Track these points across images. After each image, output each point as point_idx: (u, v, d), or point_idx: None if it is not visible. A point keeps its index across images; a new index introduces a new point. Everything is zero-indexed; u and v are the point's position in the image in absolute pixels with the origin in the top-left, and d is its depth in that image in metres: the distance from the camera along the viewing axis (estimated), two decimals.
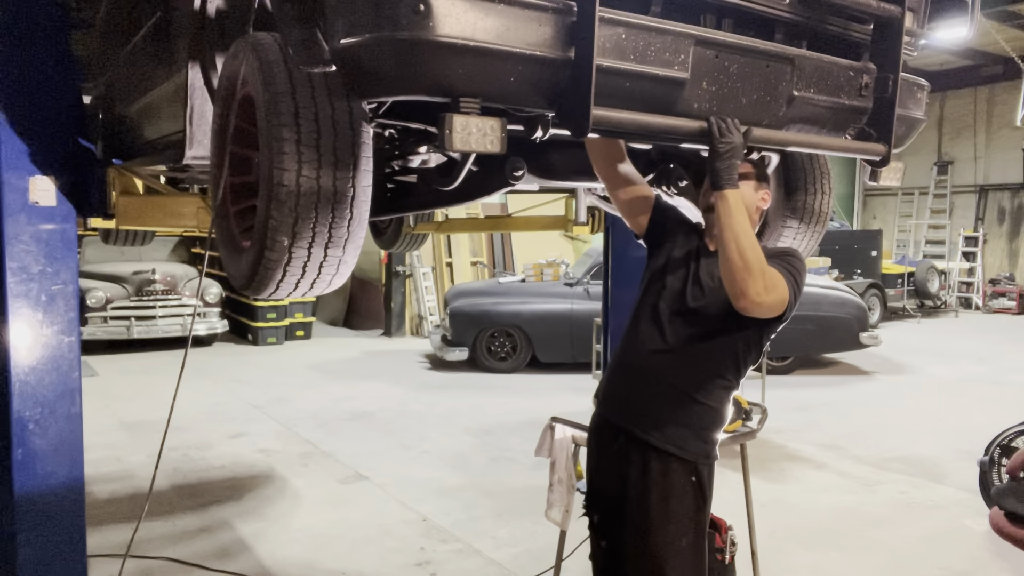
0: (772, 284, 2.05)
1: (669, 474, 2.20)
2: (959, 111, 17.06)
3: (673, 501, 2.19)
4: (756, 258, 2.02)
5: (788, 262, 2.19)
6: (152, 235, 6.00)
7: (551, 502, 3.30)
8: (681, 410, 2.22)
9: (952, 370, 9.51)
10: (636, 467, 2.23)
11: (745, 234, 2.03)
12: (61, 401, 3.06)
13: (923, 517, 4.77)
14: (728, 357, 2.23)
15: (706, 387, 2.23)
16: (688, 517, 2.20)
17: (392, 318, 12.20)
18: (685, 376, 2.23)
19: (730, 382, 2.27)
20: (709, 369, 2.23)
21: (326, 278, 2.10)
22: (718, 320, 2.20)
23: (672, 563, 2.17)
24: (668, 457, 2.20)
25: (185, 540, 4.37)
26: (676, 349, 2.25)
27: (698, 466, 2.22)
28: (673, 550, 2.18)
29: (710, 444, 2.25)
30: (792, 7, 2.15)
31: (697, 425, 2.22)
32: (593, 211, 4.56)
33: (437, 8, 1.58)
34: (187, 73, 2.46)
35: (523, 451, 5.92)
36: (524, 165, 2.27)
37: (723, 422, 2.29)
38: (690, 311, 2.26)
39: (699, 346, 2.23)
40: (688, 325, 2.25)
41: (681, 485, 2.20)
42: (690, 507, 2.20)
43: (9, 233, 2.92)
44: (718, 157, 2.01)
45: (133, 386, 8.33)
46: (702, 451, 2.23)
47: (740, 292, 2.02)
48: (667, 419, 2.22)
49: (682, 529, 2.19)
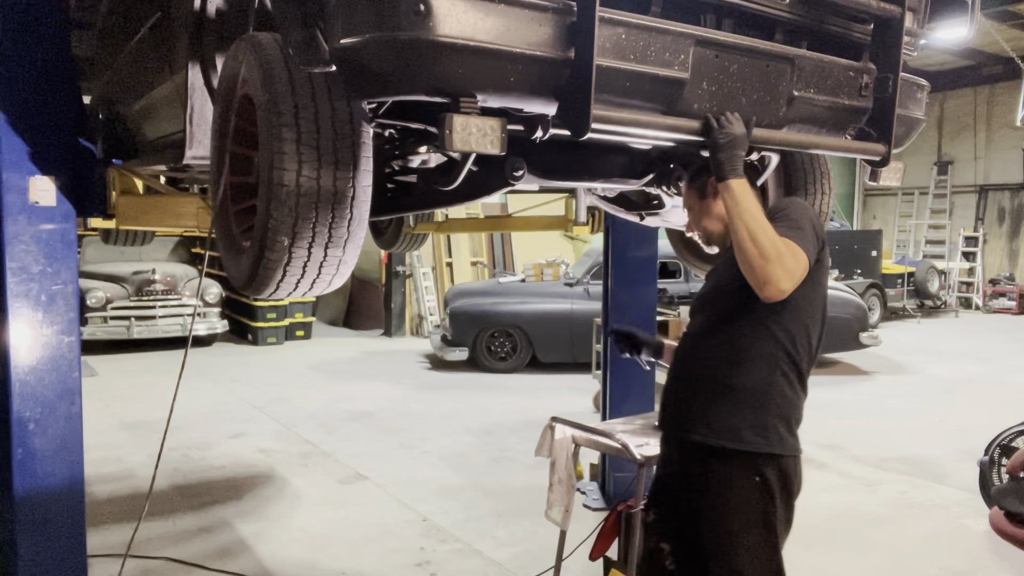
0: (791, 260, 1.99)
1: (727, 469, 2.11)
2: (959, 111, 17.06)
3: (734, 496, 2.10)
4: (771, 243, 1.97)
5: (790, 217, 2.10)
6: (152, 235, 6.01)
7: (551, 502, 3.29)
8: (723, 400, 2.12)
9: (952, 370, 9.51)
10: (694, 468, 2.16)
11: (756, 221, 1.99)
12: (61, 401, 3.05)
13: (923, 517, 4.77)
14: (757, 329, 2.12)
15: (742, 368, 2.12)
16: (753, 511, 2.09)
17: (392, 318, 12.20)
18: (716, 363, 2.15)
19: (773, 356, 2.12)
20: (740, 348, 2.13)
21: (326, 278, 2.10)
22: (732, 297, 2.14)
23: (740, 560, 2.09)
24: (723, 452, 2.11)
25: (185, 540, 4.36)
26: (700, 341, 2.22)
27: (759, 456, 2.10)
28: (741, 547, 2.09)
29: (770, 430, 2.10)
30: (792, 7, 2.15)
31: (744, 412, 2.11)
32: (593, 211, 4.55)
33: (437, 8, 1.58)
34: (187, 73, 2.46)
35: (523, 451, 5.91)
36: (524, 165, 2.27)
37: (780, 404, 2.12)
38: (707, 303, 2.27)
39: (722, 328, 2.17)
40: (707, 315, 2.24)
41: (740, 479, 2.10)
42: (754, 501, 2.09)
43: (9, 233, 2.92)
44: (720, 149, 2.00)
45: (133, 386, 8.33)
46: (760, 439, 2.10)
47: (763, 281, 1.97)
48: (712, 413, 2.13)
49: (747, 524, 2.09)
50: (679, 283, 9.11)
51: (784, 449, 2.13)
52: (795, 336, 2.14)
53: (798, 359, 2.15)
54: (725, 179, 2.03)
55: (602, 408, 5.12)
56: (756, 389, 2.12)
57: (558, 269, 9.85)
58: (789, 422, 2.15)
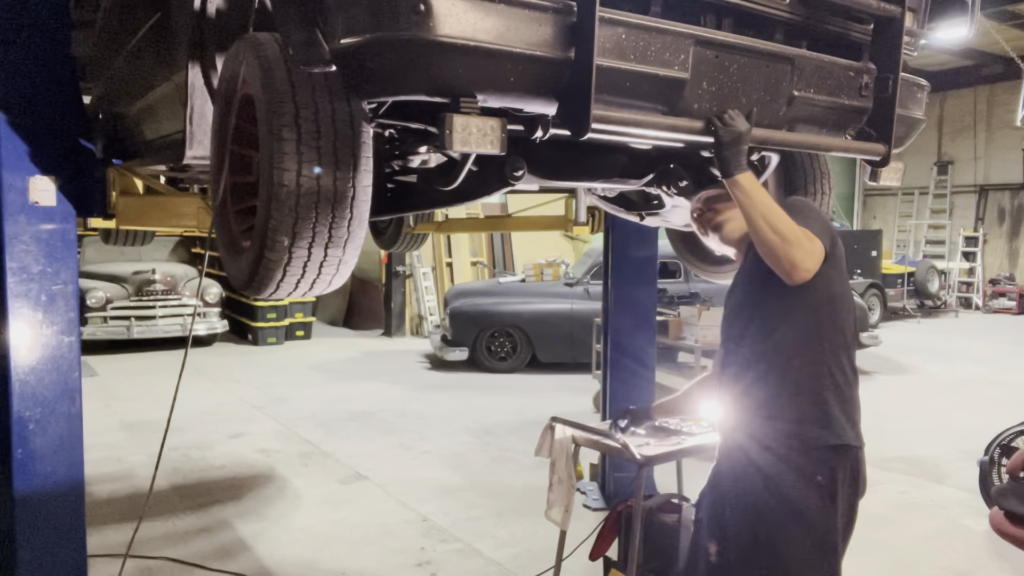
0: (809, 243, 2.01)
1: (786, 473, 2.08)
2: (959, 111, 17.06)
3: (793, 499, 2.07)
4: (790, 228, 1.99)
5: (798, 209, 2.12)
6: (152, 235, 6.01)
7: (551, 502, 3.29)
8: (785, 405, 2.10)
9: (952, 370, 9.51)
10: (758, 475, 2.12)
11: (771, 210, 2.00)
12: (61, 401, 3.05)
13: (923, 517, 4.77)
14: (792, 332, 2.11)
15: (798, 371, 2.10)
16: (813, 513, 2.07)
17: (392, 318, 12.19)
18: (761, 362, 2.14)
19: (821, 353, 2.11)
20: (792, 353, 2.11)
21: (326, 278, 2.10)
22: (766, 306, 2.14)
23: (796, 564, 2.08)
24: (782, 456, 2.09)
25: (185, 540, 4.36)
26: (743, 351, 2.20)
27: (817, 458, 2.07)
28: (798, 549, 2.07)
29: (829, 424, 2.08)
30: (792, 7, 2.15)
31: (805, 409, 2.09)
32: (593, 211, 4.55)
33: (437, 8, 1.58)
34: (187, 73, 2.46)
35: (523, 451, 5.91)
36: (524, 165, 2.27)
37: (838, 397, 2.11)
38: (737, 319, 2.25)
39: (759, 340, 2.16)
40: (742, 329, 2.21)
41: (796, 481, 2.07)
42: (812, 502, 2.07)
43: (9, 233, 2.91)
44: (725, 146, 2.00)
45: (133, 386, 8.33)
46: (814, 433, 2.08)
47: (791, 266, 1.98)
48: (762, 410, 2.13)
49: (805, 527, 2.08)
50: (679, 283, 9.10)
51: (851, 440, 2.11)
52: (838, 328, 2.14)
53: (846, 349, 2.15)
54: (731, 175, 2.03)
55: (602, 408, 5.12)
56: (813, 387, 2.10)
57: (558, 269, 9.85)
58: (850, 414, 2.13)
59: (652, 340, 5.01)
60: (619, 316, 4.92)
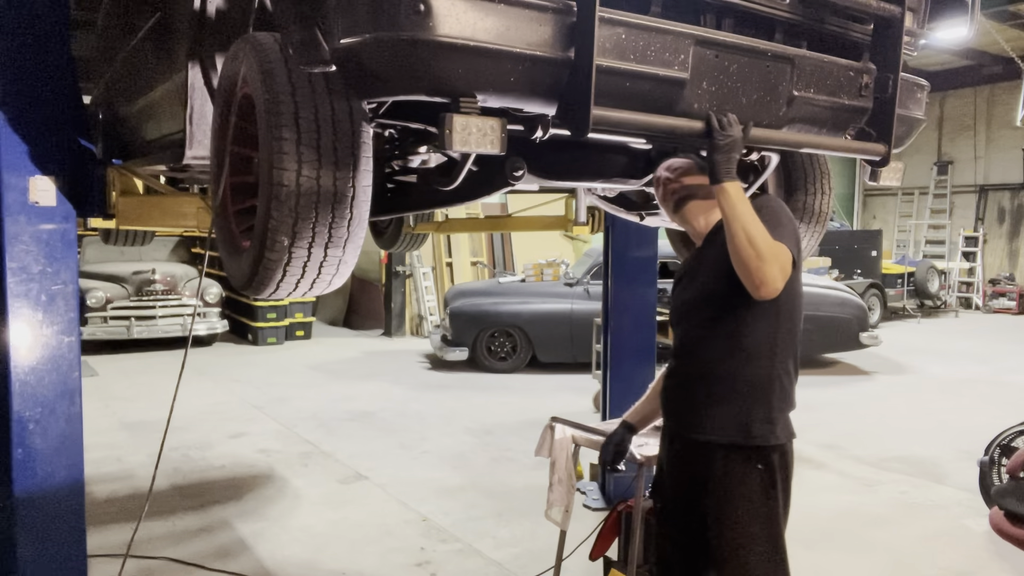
0: (784, 259, 2.04)
1: (731, 462, 2.16)
2: (959, 111, 17.06)
3: (742, 488, 2.16)
4: (767, 245, 2.01)
5: (772, 217, 2.12)
6: (152, 235, 6.01)
7: (551, 502, 3.29)
8: (730, 398, 2.17)
9: (952, 370, 9.51)
10: (700, 464, 2.21)
11: (752, 223, 2.02)
12: (61, 401, 3.05)
13: (923, 517, 4.77)
14: (757, 326, 2.16)
15: (746, 365, 2.17)
16: (754, 500, 2.15)
17: (392, 318, 12.19)
18: (718, 364, 2.20)
19: (772, 350, 2.17)
20: (742, 347, 2.17)
21: (326, 278, 2.10)
22: (726, 299, 2.17)
23: (744, 552, 2.15)
24: (732, 447, 2.16)
25: (185, 540, 4.36)
26: (699, 345, 2.25)
27: (760, 449, 2.16)
28: (745, 538, 2.15)
29: (776, 422, 2.18)
30: (792, 7, 2.15)
31: (751, 407, 2.16)
32: (593, 211, 4.55)
33: (437, 8, 1.58)
34: (187, 73, 2.46)
35: (523, 451, 5.91)
36: (524, 165, 2.27)
37: (781, 395, 2.20)
38: (695, 309, 2.28)
39: (720, 330, 2.20)
40: (700, 320, 2.26)
41: (747, 472, 2.16)
42: (759, 491, 2.16)
43: (9, 233, 2.91)
44: (717, 150, 2.02)
45: (133, 386, 8.33)
46: (768, 432, 2.16)
47: (760, 282, 2.01)
48: (720, 411, 2.18)
49: (751, 514, 2.15)
50: None
51: (787, 436, 2.22)
52: (789, 328, 2.22)
53: (794, 349, 2.24)
54: (720, 181, 2.05)
55: (602, 408, 5.12)
56: (760, 383, 2.18)
57: (558, 269, 9.85)
58: (788, 412, 2.24)
59: (652, 340, 5.01)
60: (619, 316, 4.92)
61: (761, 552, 2.16)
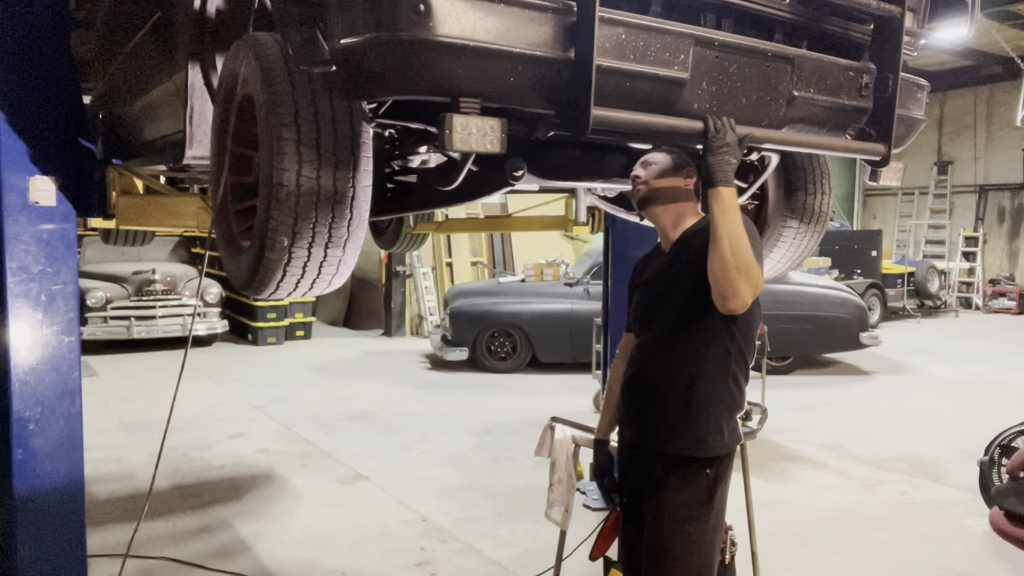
0: (756, 280, 2.05)
1: (687, 471, 2.23)
2: (959, 111, 17.06)
3: (684, 490, 2.23)
4: (746, 259, 2.01)
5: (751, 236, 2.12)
6: (152, 235, 6.01)
7: (551, 502, 3.30)
8: (684, 408, 2.23)
9: (952, 370, 9.51)
10: (656, 472, 2.28)
11: (738, 233, 2.02)
12: (61, 401, 3.05)
13: (923, 517, 4.77)
14: (712, 336, 2.20)
15: (700, 376, 2.21)
16: (697, 503, 2.23)
17: (392, 318, 12.20)
18: (673, 373, 2.24)
19: (726, 361, 2.21)
20: (697, 356, 2.21)
21: (326, 278, 2.10)
22: (685, 306, 2.21)
23: (679, 548, 2.22)
24: (684, 459, 2.24)
25: (185, 540, 4.36)
26: (655, 351, 2.29)
27: (710, 456, 2.23)
28: (682, 535, 2.22)
29: (726, 432, 2.25)
30: (792, 7, 2.15)
31: (704, 419, 2.22)
32: (593, 211, 4.56)
33: (437, 8, 1.58)
34: (187, 73, 2.46)
35: (523, 451, 5.91)
36: (524, 165, 2.27)
37: (732, 405, 2.26)
38: (654, 312, 2.32)
39: (677, 337, 2.24)
40: (658, 325, 2.29)
41: (691, 476, 2.23)
42: (700, 494, 2.23)
43: (9, 233, 2.92)
44: (712, 152, 2.02)
45: (133, 386, 8.33)
46: (720, 443, 2.23)
47: (732, 293, 2.02)
48: (674, 422, 2.24)
49: (691, 515, 2.23)
50: None
51: (735, 443, 2.30)
52: (745, 339, 2.25)
53: (747, 360, 2.28)
54: (715, 185, 2.05)
55: None
56: (713, 395, 2.22)
57: (558, 269, 9.85)
58: (737, 418, 2.31)
59: None
60: (619, 316, 4.92)
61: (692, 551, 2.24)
